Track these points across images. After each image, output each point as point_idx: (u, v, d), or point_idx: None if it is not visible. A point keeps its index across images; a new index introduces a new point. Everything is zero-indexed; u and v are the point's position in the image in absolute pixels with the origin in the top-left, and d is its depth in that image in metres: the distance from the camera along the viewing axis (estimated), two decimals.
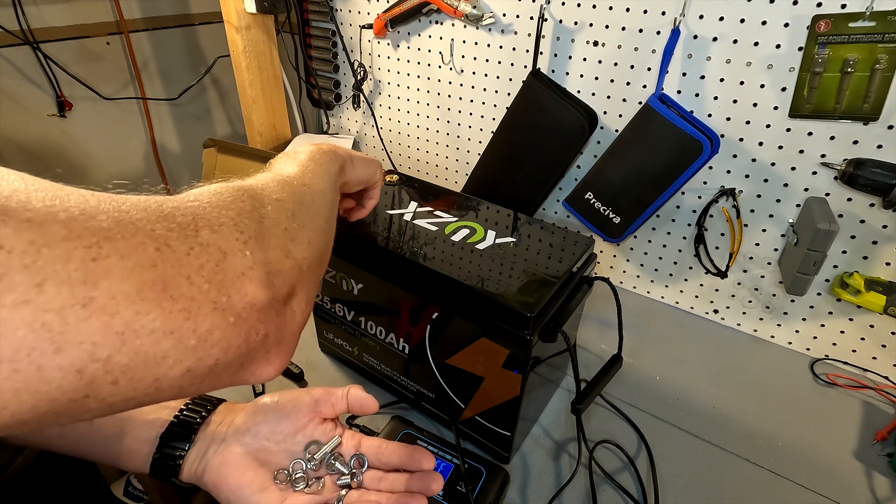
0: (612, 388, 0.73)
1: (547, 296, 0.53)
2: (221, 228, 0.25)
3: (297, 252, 0.30)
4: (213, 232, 0.25)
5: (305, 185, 0.36)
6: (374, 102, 1.15)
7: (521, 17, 0.86)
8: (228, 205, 0.27)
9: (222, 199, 0.27)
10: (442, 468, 0.56)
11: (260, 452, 0.43)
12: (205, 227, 0.25)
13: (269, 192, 0.31)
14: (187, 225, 0.24)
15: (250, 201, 0.29)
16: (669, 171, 0.74)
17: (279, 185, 0.33)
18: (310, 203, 0.35)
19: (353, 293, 0.64)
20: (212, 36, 1.40)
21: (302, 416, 0.45)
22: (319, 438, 0.45)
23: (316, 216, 0.35)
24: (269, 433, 0.43)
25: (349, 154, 0.48)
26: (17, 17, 1.04)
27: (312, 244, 0.32)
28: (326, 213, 0.37)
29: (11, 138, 1.11)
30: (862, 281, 0.71)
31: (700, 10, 0.71)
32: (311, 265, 0.32)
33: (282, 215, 0.30)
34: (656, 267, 0.91)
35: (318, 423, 0.45)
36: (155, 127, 1.36)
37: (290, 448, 0.44)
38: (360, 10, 1.05)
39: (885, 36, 0.60)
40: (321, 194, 0.38)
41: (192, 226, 0.24)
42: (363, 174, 0.50)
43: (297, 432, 0.44)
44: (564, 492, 0.59)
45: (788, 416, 0.71)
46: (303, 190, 0.35)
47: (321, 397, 0.45)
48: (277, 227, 0.29)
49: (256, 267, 0.26)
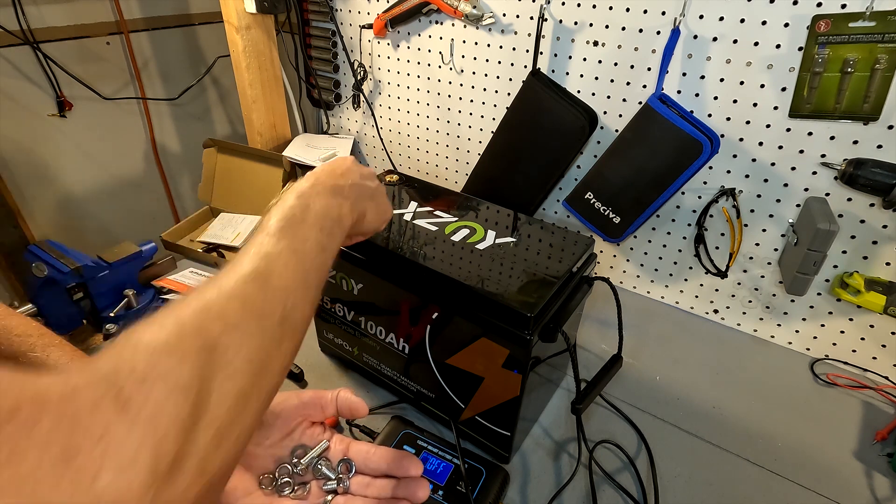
0: (612, 388, 0.73)
1: (547, 296, 0.53)
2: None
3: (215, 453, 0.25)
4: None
5: (286, 314, 0.32)
6: (374, 102, 1.15)
7: (521, 17, 0.86)
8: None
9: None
10: (442, 468, 0.56)
11: (246, 457, 0.42)
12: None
13: (226, 350, 0.27)
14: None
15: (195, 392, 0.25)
16: (669, 171, 0.74)
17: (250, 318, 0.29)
18: (279, 339, 0.31)
19: (353, 293, 0.64)
20: (212, 36, 1.40)
21: (290, 420, 0.44)
22: (307, 442, 0.44)
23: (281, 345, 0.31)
24: (256, 437, 0.42)
25: (363, 208, 0.44)
26: (17, 17, 1.04)
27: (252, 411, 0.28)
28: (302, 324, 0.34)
29: (11, 138, 1.11)
30: (862, 281, 0.71)
31: (700, 10, 0.71)
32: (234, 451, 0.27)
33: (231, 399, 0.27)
34: (656, 267, 0.91)
35: (306, 427, 0.44)
36: (155, 127, 1.36)
37: (276, 452, 0.43)
38: (360, 10, 1.05)
39: (885, 36, 0.60)
40: (304, 294, 0.34)
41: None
42: (373, 226, 0.47)
43: (284, 436, 0.43)
44: (564, 492, 0.59)
45: (788, 416, 0.71)
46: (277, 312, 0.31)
47: (310, 401, 0.45)
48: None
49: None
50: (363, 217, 0.45)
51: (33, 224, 1.19)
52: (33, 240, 1.18)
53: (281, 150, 1.14)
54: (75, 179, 1.25)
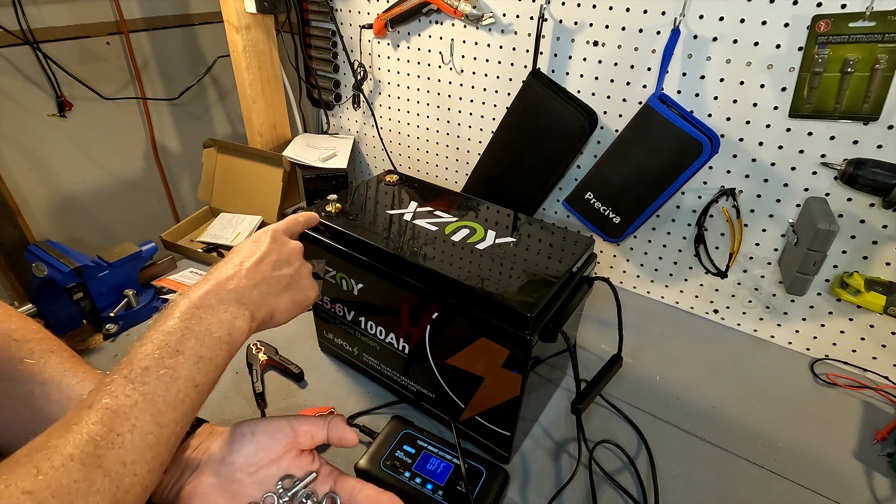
0: (612, 388, 0.73)
1: (547, 296, 0.53)
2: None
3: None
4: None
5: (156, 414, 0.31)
6: (374, 102, 1.15)
7: (521, 17, 0.86)
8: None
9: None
10: (442, 468, 0.56)
11: (232, 483, 0.41)
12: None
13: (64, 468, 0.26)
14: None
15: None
16: (669, 171, 0.74)
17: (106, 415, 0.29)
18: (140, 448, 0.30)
19: (353, 293, 0.64)
20: (212, 36, 1.40)
21: (278, 447, 0.43)
22: (295, 472, 0.43)
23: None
24: (244, 463, 0.42)
25: (271, 309, 0.44)
26: (17, 17, 1.04)
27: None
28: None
29: (11, 138, 1.11)
30: (862, 281, 0.71)
31: (700, 10, 0.71)
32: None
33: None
34: (656, 267, 0.91)
35: (294, 456, 0.43)
36: (155, 127, 1.36)
37: (263, 480, 0.42)
38: (360, 10, 1.05)
39: (885, 36, 0.60)
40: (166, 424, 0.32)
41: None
42: (288, 317, 0.47)
43: (272, 464, 0.42)
44: (564, 492, 0.59)
45: (788, 416, 0.71)
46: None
47: (300, 427, 0.44)
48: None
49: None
50: (271, 316, 0.45)
51: (33, 224, 1.19)
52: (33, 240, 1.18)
53: (281, 150, 1.14)
54: (75, 179, 1.25)
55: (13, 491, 0.25)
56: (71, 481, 0.27)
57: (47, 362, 0.44)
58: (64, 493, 0.26)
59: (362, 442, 0.64)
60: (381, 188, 0.74)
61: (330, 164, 1.09)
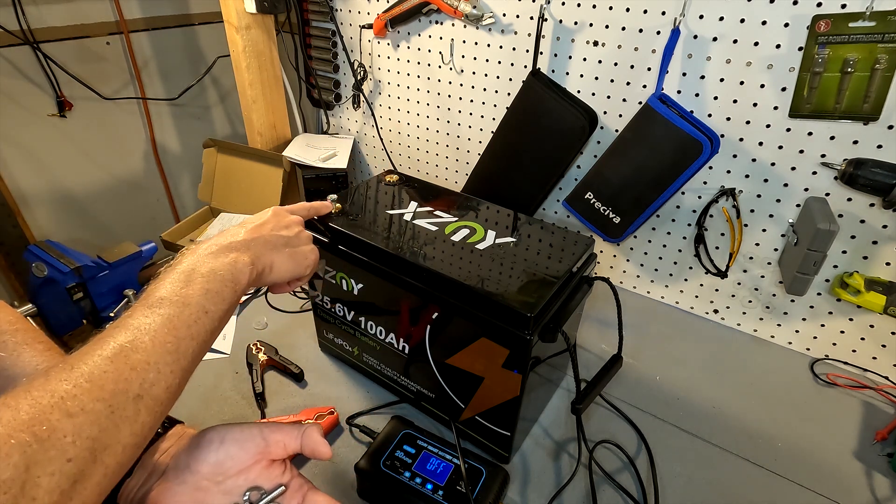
0: (612, 388, 0.73)
1: (547, 296, 0.53)
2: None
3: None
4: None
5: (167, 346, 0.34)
6: (374, 102, 1.15)
7: (521, 17, 0.86)
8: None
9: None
10: (442, 468, 0.56)
11: (197, 492, 0.40)
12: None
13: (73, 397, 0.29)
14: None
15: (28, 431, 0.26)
16: (669, 171, 0.74)
17: (112, 360, 0.32)
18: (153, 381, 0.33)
19: (353, 293, 0.64)
20: (212, 36, 1.40)
21: (247, 457, 0.41)
22: (263, 483, 0.41)
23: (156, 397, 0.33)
24: (210, 472, 0.40)
25: (270, 260, 0.47)
26: (17, 17, 1.04)
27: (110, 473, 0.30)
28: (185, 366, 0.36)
29: (11, 138, 1.11)
30: (862, 281, 0.71)
31: (700, 10, 0.71)
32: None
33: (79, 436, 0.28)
34: (656, 267, 0.91)
35: (264, 466, 0.42)
36: (155, 127, 1.36)
37: (230, 490, 0.40)
38: (360, 10, 1.05)
39: (885, 36, 0.60)
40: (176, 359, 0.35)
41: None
42: (287, 275, 0.49)
43: (240, 474, 0.41)
44: (564, 492, 0.59)
45: (788, 416, 0.71)
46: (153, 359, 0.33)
47: (272, 437, 0.42)
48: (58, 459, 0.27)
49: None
50: (270, 268, 0.47)
51: (33, 224, 1.19)
52: (33, 240, 1.18)
53: (281, 150, 1.14)
54: (75, 179, 1.25)
55: (53, 379, 0.29)
56: (101, 372, 0.31)
57: (20, 355, 0.43)
58: (96, 379, 0.30)
59: (362, 442, 0.64)
60: (381, 188, 0.74)
61: (330, 164, 1.09)
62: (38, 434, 0.27)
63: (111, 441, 0.30)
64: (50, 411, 0.28)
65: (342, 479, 0.59)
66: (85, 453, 0.28)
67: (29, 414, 0.27)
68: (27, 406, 0.27)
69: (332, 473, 0.60)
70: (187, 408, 0.66)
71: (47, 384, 0.29)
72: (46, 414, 0.28)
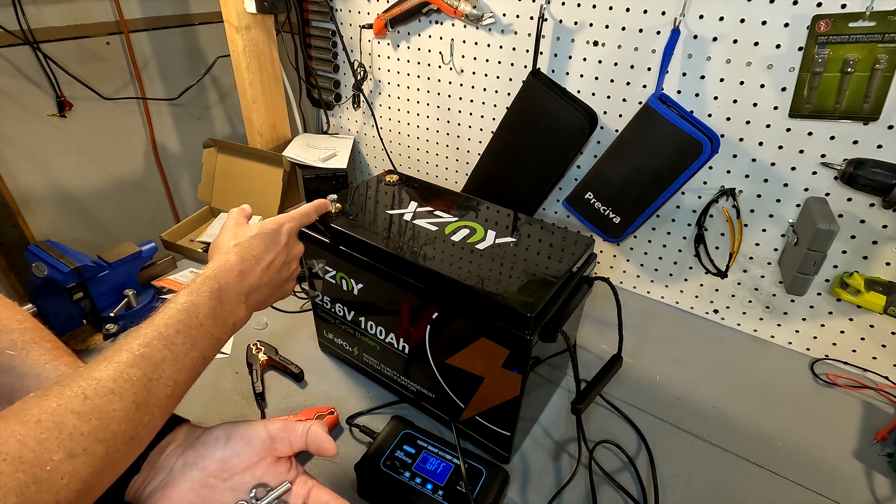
0: (612, 388, 0.73)
1: (547, 296, 0.53)
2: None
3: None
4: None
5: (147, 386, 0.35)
6: (374, 102, 1.15)
7: (521, 17, 0.86)
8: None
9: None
10: (442, 468, 0.56)
11: (204, 489, 0.40)
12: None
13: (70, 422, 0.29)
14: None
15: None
16: (669, 171, 0.74)
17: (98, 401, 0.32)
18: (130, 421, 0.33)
19: (353, 293, 0.64)
20: (212, 36, 1.40)
21: (254, 454, 0.42)
22: (269, 480, 0.42)
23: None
24: (217, 469, 0.41)
25: (261, 299, 0.49)
26: (17, 17, 1.04)
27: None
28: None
29: (11, 138, 1.11)
30: (862, 281, 0.71)
31: (700, 10, 0.71)
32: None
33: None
34: (656, 267, 0.91)
35: (270, 463, 0.42)
36: (155, 127, 1.36)
37: (236, 487, 0.41)
38: (360, 10, 1.05)
39: (885, 36, 0.60)
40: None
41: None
42: (266, 306, 0.52)
43: (246, 470, 0.41)
44: (564, 492, 0.59)
45: (788, 416, 0.71)
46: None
47: (278, 434, 0.43)
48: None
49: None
50: (259, 306, 0.50)
51: (33, 224, 1.19)
52: (33, 240, 1.18)
53: (281, 150, 1.14)
54: (75, 179, 1.25)
55: (63, 409, 0.30)
56: (110, 411, 0.32)
57: (28, 354, 0.43)
58: (102, 416, 0.31)
59: (362, 442, 0.64)
60: (381, 188, 0.74)
61: (330, 164, 1.09)
62: (38, 476, 0.27)
63: (101, 476, 0.31)
64: (54, 450, 0.28)
65: (342, 479, 0.59)
66: (77, 486, 0.29)
67: (35, 453, 0.27)
68: (37, 436, 0.28)
69: (332, 473, 0.60)
70: (187, 408, 0.66)
71: (67, 404, 0.30)
72: (51, 454, 0.28)
